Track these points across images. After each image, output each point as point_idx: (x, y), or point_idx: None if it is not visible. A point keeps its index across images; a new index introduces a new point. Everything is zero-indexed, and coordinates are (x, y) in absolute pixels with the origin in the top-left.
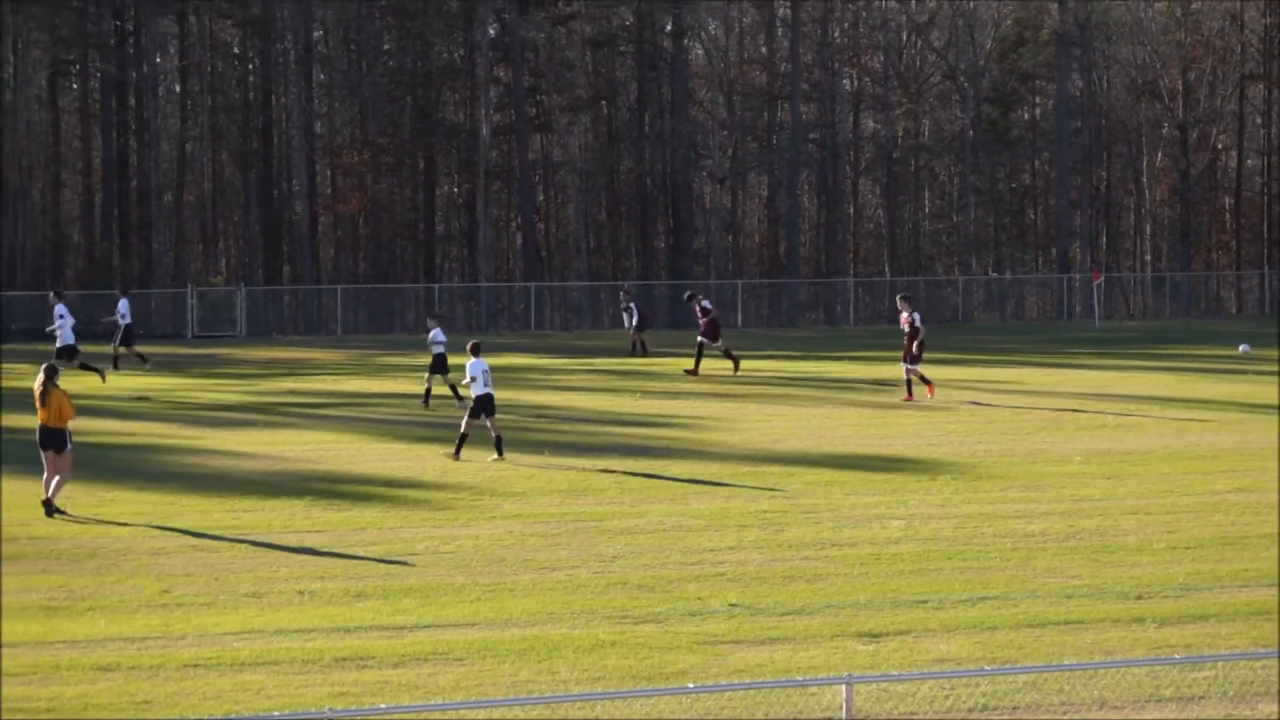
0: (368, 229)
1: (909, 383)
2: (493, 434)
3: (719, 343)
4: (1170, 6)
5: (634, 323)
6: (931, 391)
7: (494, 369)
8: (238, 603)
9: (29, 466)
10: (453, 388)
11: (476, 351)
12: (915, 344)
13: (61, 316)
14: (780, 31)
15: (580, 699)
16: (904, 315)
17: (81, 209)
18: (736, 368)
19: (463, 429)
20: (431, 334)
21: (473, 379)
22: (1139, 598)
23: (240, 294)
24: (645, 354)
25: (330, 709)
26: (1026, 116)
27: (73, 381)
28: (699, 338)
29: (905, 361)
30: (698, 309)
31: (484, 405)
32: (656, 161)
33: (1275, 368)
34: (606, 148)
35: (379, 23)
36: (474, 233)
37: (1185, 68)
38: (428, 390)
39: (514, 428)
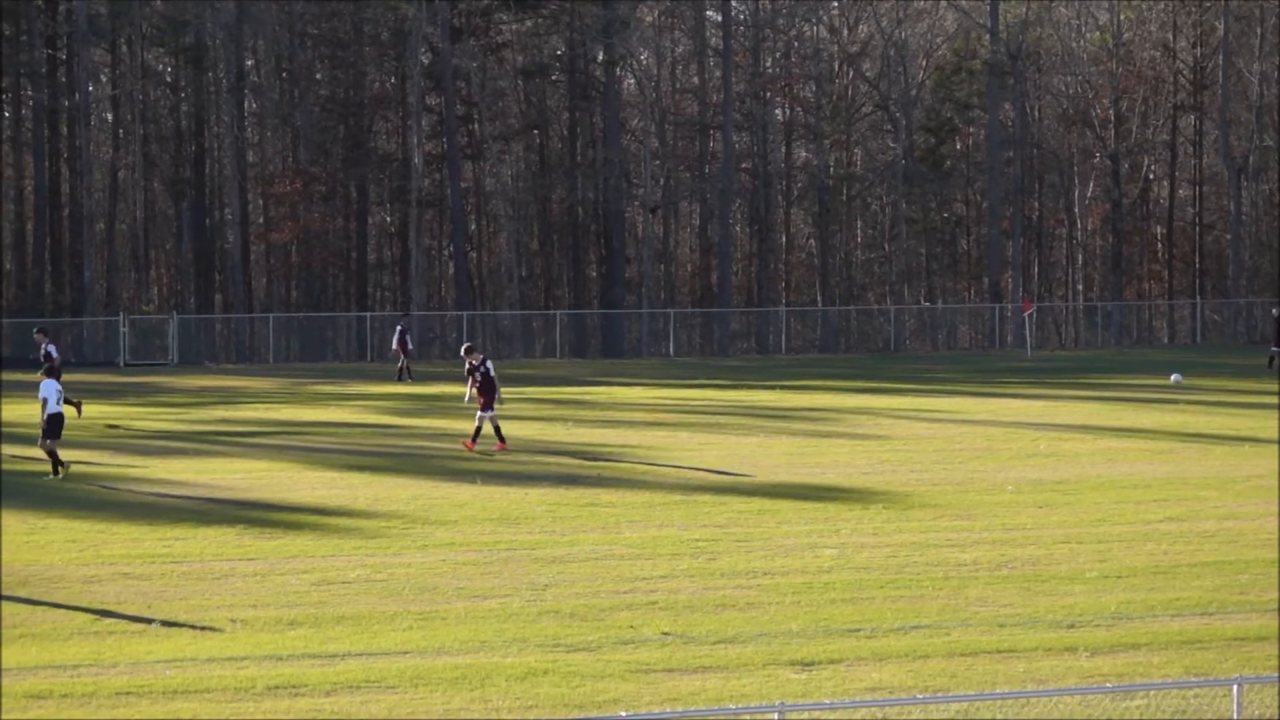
0: (300, 257)
1: (478, 430)
2: (45, 454)
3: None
4: (1102, 36)
5: (407, 349)
6: (501, 447)
7: (424, 398)
8: (170, 631)
9: None
10: None
11: (50, 374)
12: (492, 392)
13: None
14: (712, 61)
15: None
16: (473, 364)
17: (14, 237)
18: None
19: (45, 450)
20: None
21: (44, 399)
22: (1071, 626)
23: (173, 322)
24: (406, 379)
25: None
26: (959, 146)
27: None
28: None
29: (483, 410)
30: (43, 350)
31: (55, 424)
32: (588, 190)
33: (1209, 398)
34: (538, 176)
35: (311, 51)
36: (406, 261)
37: (1117, 98)
38: None
39: (445, 456)
